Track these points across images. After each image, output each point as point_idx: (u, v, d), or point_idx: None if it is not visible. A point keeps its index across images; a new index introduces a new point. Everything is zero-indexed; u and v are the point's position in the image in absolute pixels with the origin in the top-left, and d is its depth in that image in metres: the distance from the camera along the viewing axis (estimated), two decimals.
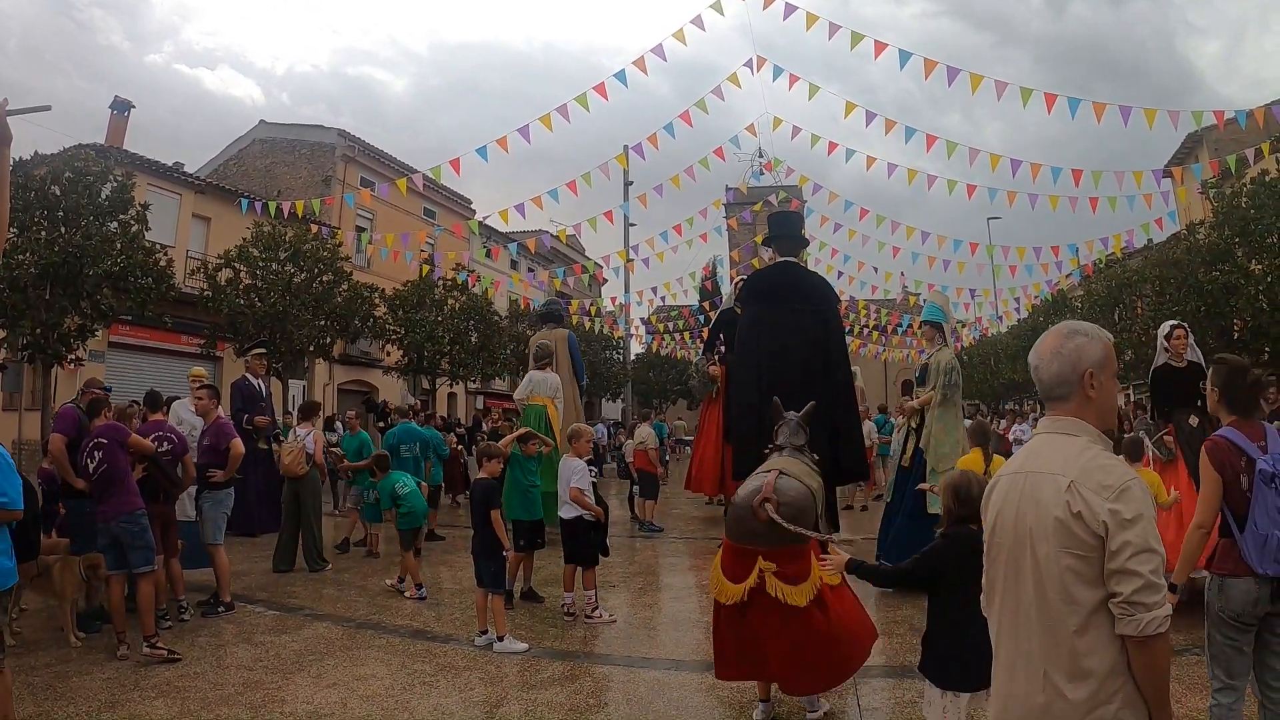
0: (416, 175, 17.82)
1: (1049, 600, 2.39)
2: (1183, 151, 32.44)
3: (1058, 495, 2.39)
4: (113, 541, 7.00)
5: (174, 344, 23.13)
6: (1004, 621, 2.57)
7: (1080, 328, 2.62)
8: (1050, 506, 2.41)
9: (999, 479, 2.68)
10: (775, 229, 9.58)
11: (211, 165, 34.87)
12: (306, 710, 5.70)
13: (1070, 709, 2.34)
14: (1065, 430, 2.54)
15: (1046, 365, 2.59)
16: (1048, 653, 2.39)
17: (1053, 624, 2.38)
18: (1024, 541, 2.48)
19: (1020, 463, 2.64)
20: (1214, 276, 18.62)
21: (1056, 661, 2.37)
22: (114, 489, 7.02)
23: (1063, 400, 2.57)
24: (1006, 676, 2.52)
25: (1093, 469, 2.39)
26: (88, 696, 5.89)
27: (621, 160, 22.49)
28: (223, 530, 8.67)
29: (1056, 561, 2.37)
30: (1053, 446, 2.54)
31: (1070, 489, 2.37)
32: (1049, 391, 2.60)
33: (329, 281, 21.90)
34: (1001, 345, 38.45)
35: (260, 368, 11.96)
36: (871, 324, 34.45)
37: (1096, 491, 2.34)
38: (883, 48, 14.05)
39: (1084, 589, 2.34)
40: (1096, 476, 2.36)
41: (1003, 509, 2.59)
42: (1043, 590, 2.41)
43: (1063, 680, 2.36)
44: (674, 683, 6.27)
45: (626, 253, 28.00)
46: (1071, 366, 2.54)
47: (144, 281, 16.54)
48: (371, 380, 32.40)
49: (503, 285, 32.08)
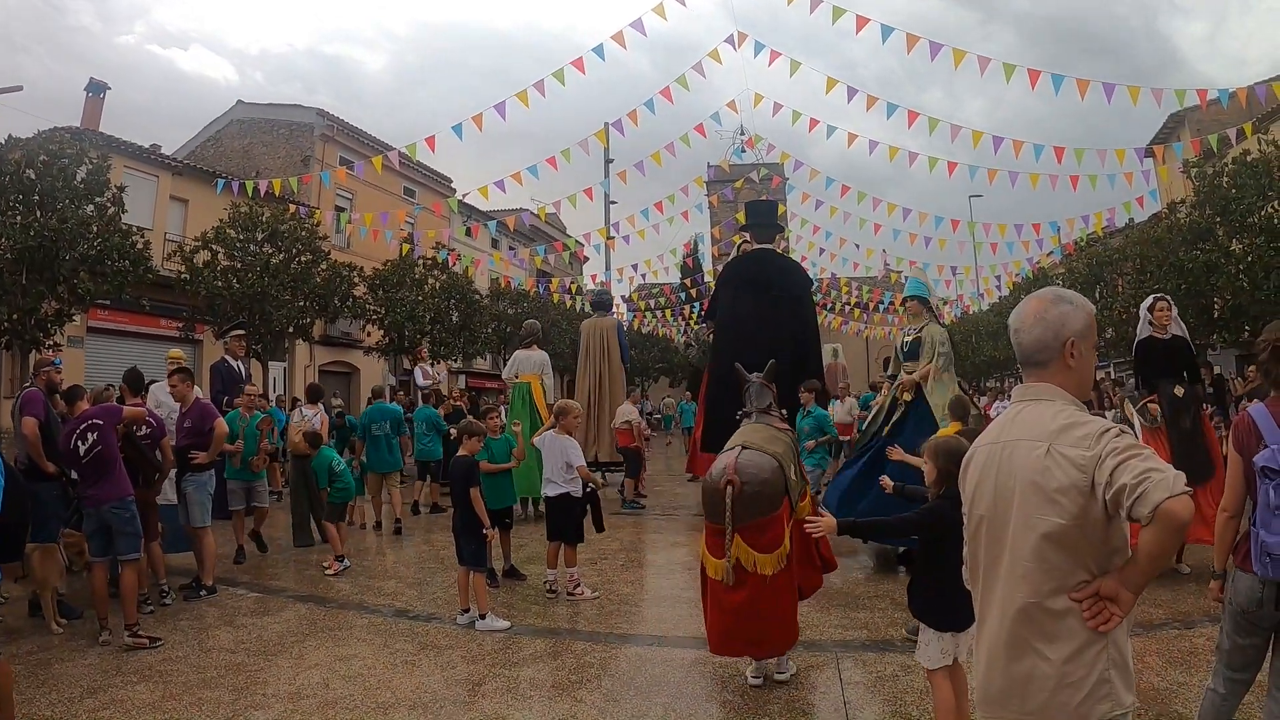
0: (392, 153, 17.67)
1: (1027, 567, 2.39)
2: (1165, 131, 32.50)
3: (1035, 461, 2.39)
4: (100, 527, 6.93)
5: (152, 328, 22.98)
6: (985, 591, 2.57)
7: (1066, 295, 2.60)
8: (1027, 473, 2.41)
9: (976, 450, 2.68)
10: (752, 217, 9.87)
11: (189, 146, 34.53)
12: (289, 691, 5.71)
13: (1051, 669, 2.35)
14: (1041, 396, 2.53)
15: (1028, 330, 2.57)
16: (1028, 620, 2.39)
17: (1031, 590, 2.38)
18: (1001, 511, 2.48)
19: (998, 432, 2.63)
20: (1195, 255, 18.69)
21: (1036, 627, 2.38)
22: (106, 473, 6.93)
23: (1041, 367, 2.56)
24: (989, 644, 2.53)
25: (1068, 427, 2.39)
26: (70, 683, 5.88)
27: (601, 137, 22.39)
28: (209, 513, 8.64)
29: (1034, 528, 2.37)
30: (1029, 414, 2.53)
31: (1049, 454, 2.36)
32: (1029, 357, 2.58)
33: (308, 261, 21.76)
34: (983, 323, 38.56)
35: (239, 349, 11.91)
36: (853, 301, 34.53)
37: (1074, 445, 2.34)
38: (864, 23, 13.97)
39: (1061, 555, 2.34)
40: (1074, 433, 2.36)
41: (981, 479, 2.59)
42: (1020, 557, 2.41)
43: (1043, 644, 2.36)
44: (656, 658, 6.31)
45: (607, 230, 27.90)
46: (1054, 333, 2.52)
47: (121, 265, 16.39)
48: (352, 361, 32.28)
49: (483, 264, 31.97)
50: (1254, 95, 14.11)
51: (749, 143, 32.22)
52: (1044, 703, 2.36)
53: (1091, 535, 2.33)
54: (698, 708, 5.37)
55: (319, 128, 33.01)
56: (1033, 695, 2.39)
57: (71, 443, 6.93)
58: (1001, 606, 2.48)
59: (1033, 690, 2.38)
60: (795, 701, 5.37)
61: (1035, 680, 2.37)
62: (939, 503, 4.45)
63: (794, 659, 5.90)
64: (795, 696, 5.46)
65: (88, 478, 6.97)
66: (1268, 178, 17.76)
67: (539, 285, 32.11)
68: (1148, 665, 5.70)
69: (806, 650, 6.37)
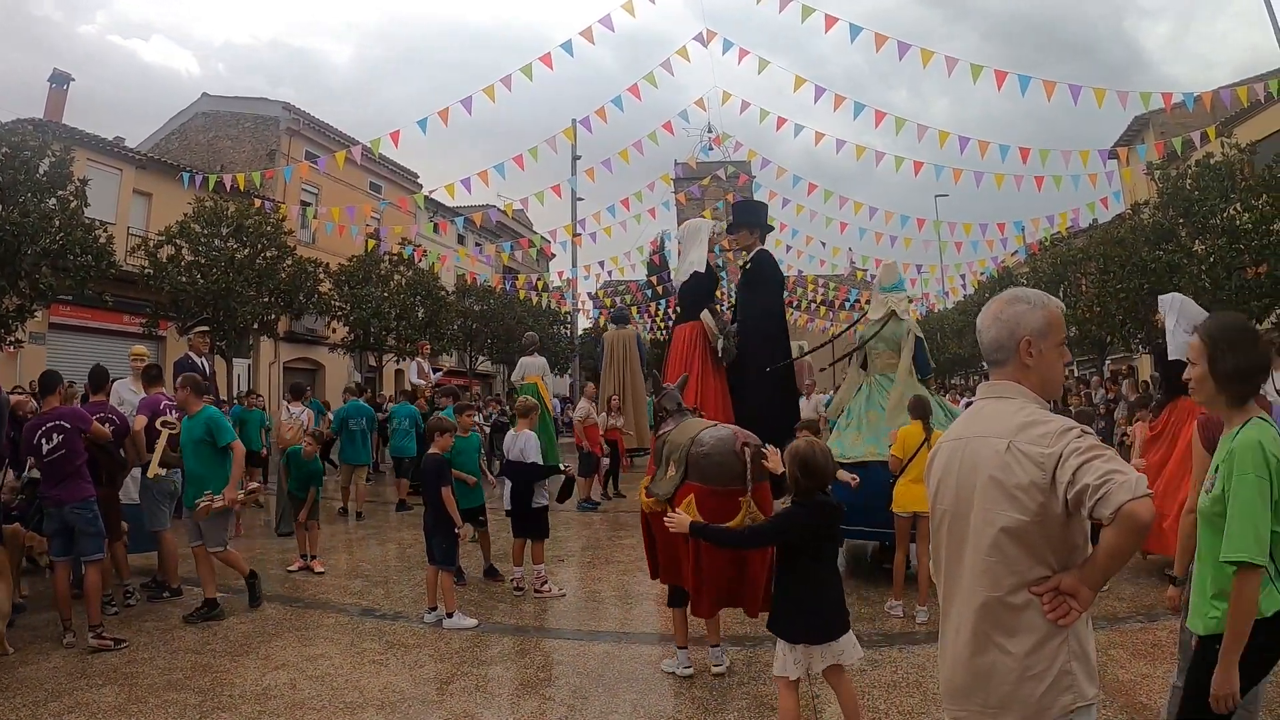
0: (356, 148, 17.56)
1: (986, 561, 2.42)
2: (1130, 133, 32.89)
3: (995, 457, 2.42)
4: (62, 527, 6.83)
5: (115, 324, 22.63)
6: (949, 586, 2.59)
7: (1024, 295, 2.63)
8: (987, 468, 2.44)
9: (940, 446, 2.72)
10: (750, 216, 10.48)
11: (153, 140, 34.04)
12: (255, 692, 5.68)
13: (1013, 663, 2.37)
14: (1002, 394, 2.57)
15: (986, 330, 2.62)
16: (989, 614, 2.42)
17: (992, 584, 2.41)
18: (965, 506, 2.51)
19: (960, 429, 2.67)
20: (1158, 256, 18.99)
21: (997, 621, 2.40)
22: (69, 474, 6.83)
23: (1001, 365, 2.60)
24: (953, 639, 2.55)
25: (1028, 424, 2.41)
26: (34, 686, 5.81)
27: (569, 134, 22.35)
28: (168, 515, 8.55)
29: (993, 523, 2.40)
30: (990, 410, 2.57)
31: (1009, 450, 2.39)
32: (988, 355, 2.64)
33: (273, 257, 21.55)
34: (948, 321, 38.91)
35: (203, 346, 11.81)
36: (819, 299, 34.63)
37: (1034, 442, 2.36)
38: (833, 22, 14.05)
39: (1020, 550, 2.37)
40: (1034, 431, 2.39)
41: (944, 476, 2.61)
42: (980, 551, 2.44)
43: (1004, 638, 2.39)
44: (624, 654, 6.34)
45: (574, 227, 27.84)
46: (1009, 333, 2.56)
47: (84, 259, 16.14)
48: (317, 358, 32.02)
49: (449, 260, 31.81)
50: (1218, 99, 14.35)
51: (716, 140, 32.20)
52: (1006, 695, 2.39)
53: (1051, 532, 2.36)
54: (665, 703, 5.40)
55: (285, 121, 32.67)
56: (995, 688, 2.41)
57: (36, 438, 6.83)
58: (963, 601, 2.51)
59: (995, 683, 2.41)
60: (763, 696, 5.42)
61: (997, 673, 2.40)
62: (791, 509, 4.44)
63: (761, 655, 5.96)
64: (762, 691, 5.51)
65: (49, 478, 6.89)
66: (1230, 180, 18.09)
67: (505, 282, 32.00)
68: (1112, 658, 5.80)
69: (774, 646, 6.41)
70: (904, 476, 7.24)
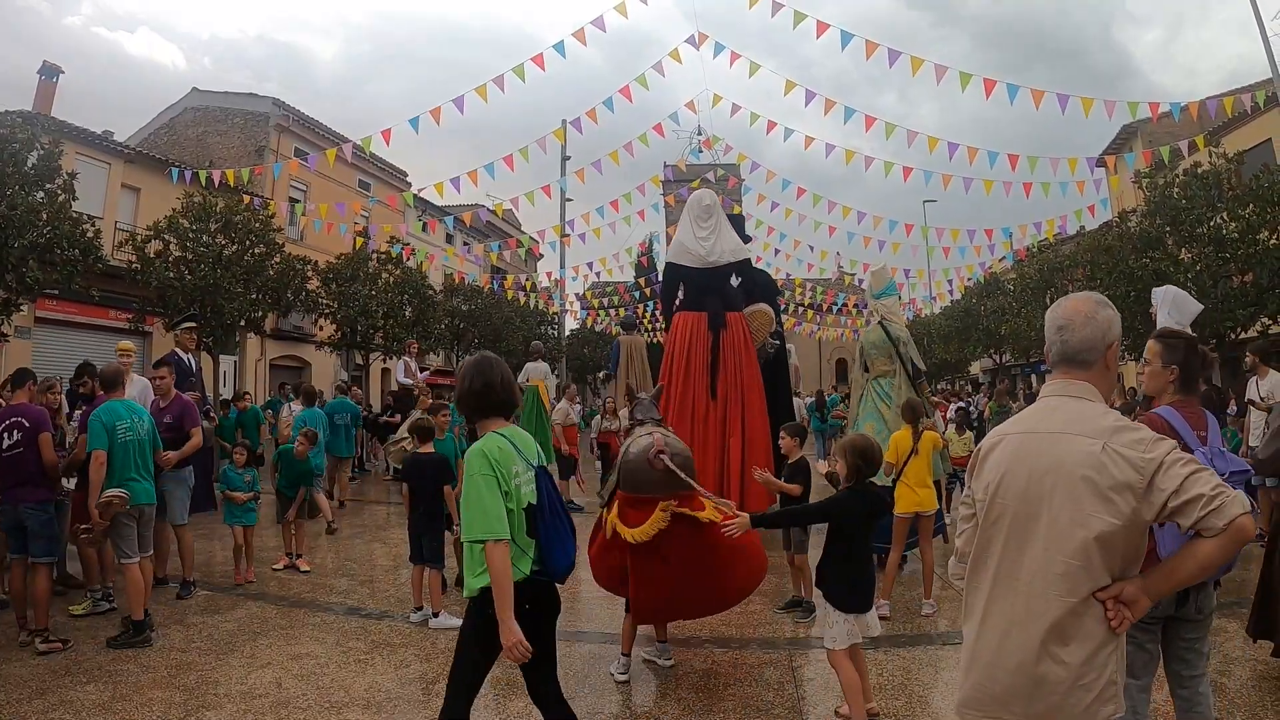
0: (346, 145, 17.51)
1: (1069, 565, 2.34)
2: (1118, 141, 33.09)
3: (1089, 457, 2.35)
4: (17, 525, 6.74)
5: (102, 319, 22.55)
6: (998, 588, 2.49)
7: (1107, 301, 2.61)
8: (1079, 467, 2.36)
9: (1003, 439, 2.61)
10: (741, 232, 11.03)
11: (142, 134, 33.88)
12: (240, 691, 5.66)
13: (1065, 672, 2.33)
14: (1082, 395, 2.52)
15: (1078, 329, 2.56)
16: (1050, 620, 2.35)
17: (1064, 593, 2.34)
18: (1037, 506, 2.42)
19: (1033, 423, 2.58)
20: (1144, 263, 19.08)
21: (1058, 627, 2.34)
22: (25, 474, 6.75)
23: (1083, 367, 2.56)
24: (996, 642, 2.46)
25: (1121, 428, 2.38)
26: (17, 684, 5.78)
27: (559, 135, 22.36)
28: (187, 509, 8.49)
29: (1083, 525, 2.33)
30: (1071, 409, 2.50)
31: (1105, 450, 2.34)
32: (1074, 355, 2.57)
33: (261, 254, 21.45)
34: (935, 326, 39.02)
35: (190, 342, 11.75)
36: (807, 302, 34.71)
37: (1131, 446, 2.33)
38: (825, 28, 14.10)
39: (1103, 556, 2.33)
40: (1129, 435, 2.36)
41: (1011, 470, 2.51)
42: (1056, 554, 2.36)
43: (1059, 646, 2.34)
44: (609, 655, 6.33)
45: (563, 228, 27.83)
46: (1102, 335, 2.54)
47: (71, 254, 15.98)
48: (304, 355, 31.92)
49: (438, 259, 31.75)
50: (1205, 109, 14.44)
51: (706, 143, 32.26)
52: (1054, 705, 2.34)
53: (1131, 539, 2.35)
54: (652, 704, 5.41)
55: (274, 117, 32.57)
56: (1043, 697, 2.36)
57: None
58: (1018, 604, 2.43)
59: (1043, 692, 2.35)
60: (750, 698, 5.44)
61: (1048, 682, 2.34)
62: (845, 495, 4.97)
63: (749, 656, 6.00)
64: (750, 693, 5.53)
65: (5, 474, 6.75)
66: (1217, 189, 18.21)
67: (493, 281, 31.96)
68: None
69: (761, 648, 6.47)
70: (901, 480, 7.37)
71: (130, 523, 7.00)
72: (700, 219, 10.74)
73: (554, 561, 3.85)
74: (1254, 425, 10.46)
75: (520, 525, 3.75)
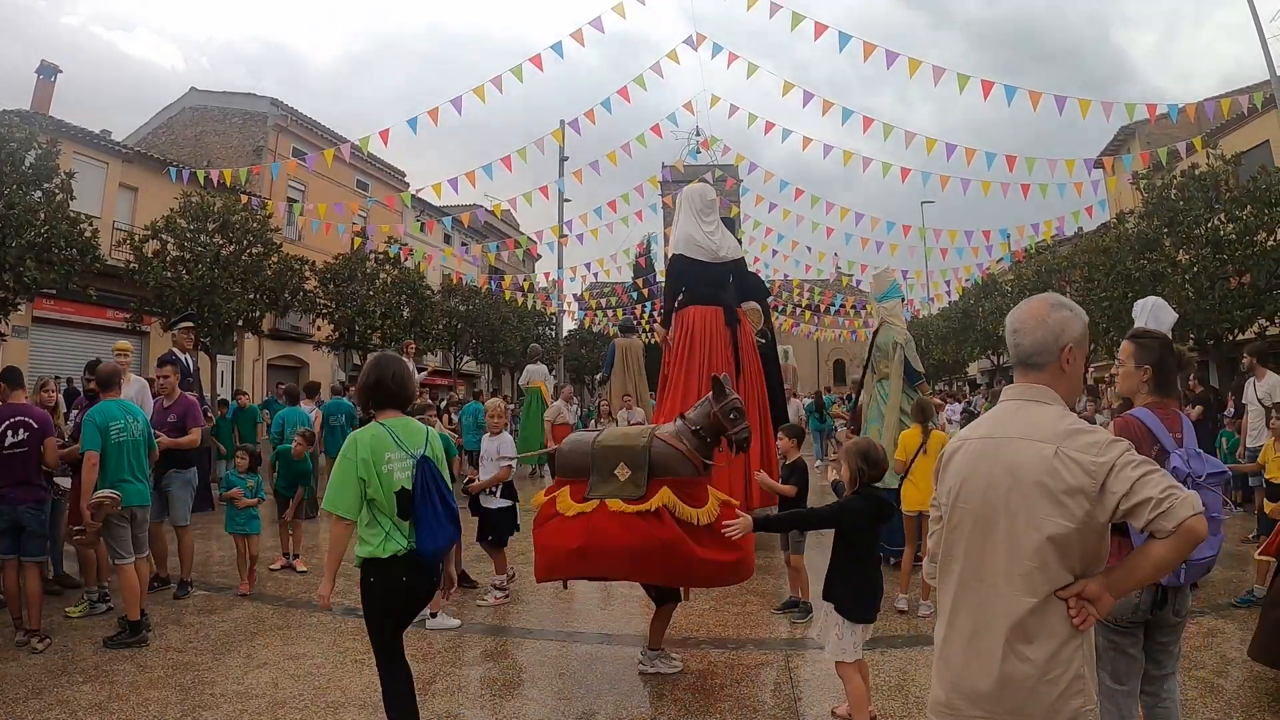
0: (344, 145, 17.51)
1: (1027, 567, 2.38)
2: (1115, 143, 33.10)
3: (1043, 461, 2.38)
4: (12, 525, 6.70)
5: (99, 318, 22.53)
6: (963, 590, 2.54)
7: (1065, 301, 2.62)
8: (1033, 472, 2.39)
9: (963, 444, 2.65)
10: None
11: (140, 133, 33.86)
12: (237, 691, 5.66)
13: (1031, 669, 2.36)
14: (1039, 398, 2.54)
15: (1029, 332, 2.59)
16: (1012, 619, 2.39)
17: (1024, 593, 2.38)
18: (994, 509, 2.46)
19: (989, 428, 2.61)
20: (1142, 265, 19.09)
21: (1020, 626, 2.38)
22: (26, 474, 6.73)
23: (1038, 369, 2.58)
24: (963, 642, 2.50)
25: (1075, 431, 2.41)
26: (14, 683, 5.76)
27: (558, 135, 22.36)
28: (190, 510, 8.47)
29: (1038, 528, 2.36)
30: (1028, 413, 2.52)
31: (1058, 455, 2.36)
32: (1026, 358, 2.60)
33: (259, 254, 21.44)
34: (932, 327, 39.04)
35: (188, 342, 11.73)
36: (804, 303, 34.73)
37: (1084, 450, 2.35)
38: (822, 29, 14.11)
39: (1059, 557, 2.36)
40: (1082, 439, 2.38)
41: (970, 475, 2.56)
42: (1015, 556, 2.40)
43: (1023, 644, 2.37)
44: (607, 656, 6.34)
45: (560, 228, 27.84)
46: (1054, 338, 2.55)
47: (68, 253, 15.98)
48: (301, 355, 31.90)
49: (435, 259, 31.72)
50: (1202, 111, 14.46)
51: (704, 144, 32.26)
52: (1022, 702, 2.38)
53: (1088, 541, 2.37)
54: (649, 705, 5.40)
55: (273, 117, 32.57)
56: (1010, 694, 2.39)
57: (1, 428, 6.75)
58: (985, 605, 2.46)
59: (1010, 689, 2.39)
60: (746, 699, 5.44)
61: (1014, 680, 2.38)
62: (851, 499, 4.86)
63: (745, 657, 6.00)
64: (746, 694, 5.52)
65: (5, 473, 6.71)
66: (1215, 191, 18.21)
67: (491, 282, 31.96)
68: None
69: (757, 649, 6.47)
70: (908, 478, 7.42)
71: (123, 524, 6.98)
72: (704, 213, 10.71)
73: (422, 543, 4.23)
74: (1251, 426, 10.47)
75: (391, 507, 4.17)
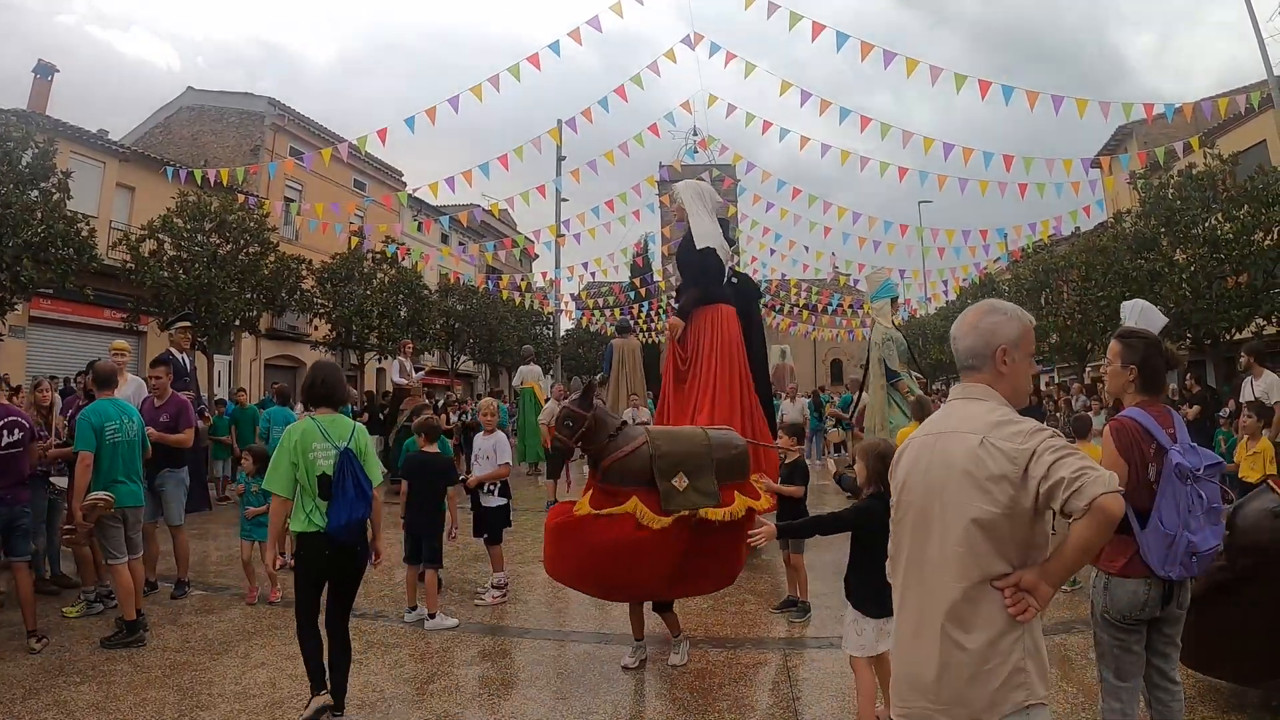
0: (341, 145, 17.49)
1: (955, 552, 2.45)
2: (1113, 142, 33.12)
3: (969, 452, 2.46)
4: (8, 524, 6.67)
5: (96, 318, 22.43)
6: (908, 582, 2.62)
7: (1000, 306, 2.72)
8: (961, 461, 2.48)
9: (910, 442, 2.76)
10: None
11: (137, 133, 33.74)
12: (235, 691, 5.65)
13: (968, 658, 2.40)
14: (975, 395, 2.63)
15: (963, 337, 2.70)
16: (948, 608, 2.44)
17: (955, 578, 2.44)
18: (931, 500, 2.55)
19: (931, 426, 2.73)
20: (1139, 264, 19.12)
21: (955, 615, 2.43)
22: (17, 474, 6.71)
23: (975, 371, 2.67)
24: (910, 631, 2.58)
25: (1002, 422, 2.49)
26: (11, 684, 5.76)
27: (554, 135, 22.33)
28: (183, 511, 8.46)
29: (964, 514, 2.44)
30: (963, 409, 2.62)
31: (983, 444, 2.44)
32: (963, 361, 2.70)
33: (256, 253, 21.39)
34: (930, 326, 39.04)
35: (185, 341, 11.74)
36: (802, 303, 34.73)
37: (1008, 439, 2.43)
38: (820, 29, 14.10)
39: (987, 543, 2.41)
40: (1007, 429, 2.46)
41: (913, 470, 2.65)
42: (946, 545, 2.47)
43: (960, 632, 2.42)
44: (605, 655, 6.34)
45: (558, 228, 27.80)
46: (985, 341, 2.64)
47: (65, 253, 15.90)
48: (299, 355, 31.86)
49: (433, 259, 31.69)
50: (1199, 111, 14.46)
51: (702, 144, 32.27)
52: (959, 691, 2.41)
53: (1018, 528, 2.41)
54: (647, 704, 5.41)
55: (270, 117, 32.49)
56: (949, 682, 2.43)
57: None
58: (923, 595, 2.54)
59: (949, 677, 2.43)
60: (744, 698, 5.44)
61: (951, 668, 2.42)
62: (869, 500, 4.85)
63: (744, 656, 6.00)
64: (744, 693, 5.53)
65: (4, 474, 6.66)
66: (1212, 190, 18.24)
67: (488, 281, 31.92)
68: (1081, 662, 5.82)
69: (756, 648, 6.47)
70: None
71: (116, 525, 6.95)
72: (715, 214, 10.59)
73: (331, 521, 4.98)
74: None
75: (313, 489, 4.99)
